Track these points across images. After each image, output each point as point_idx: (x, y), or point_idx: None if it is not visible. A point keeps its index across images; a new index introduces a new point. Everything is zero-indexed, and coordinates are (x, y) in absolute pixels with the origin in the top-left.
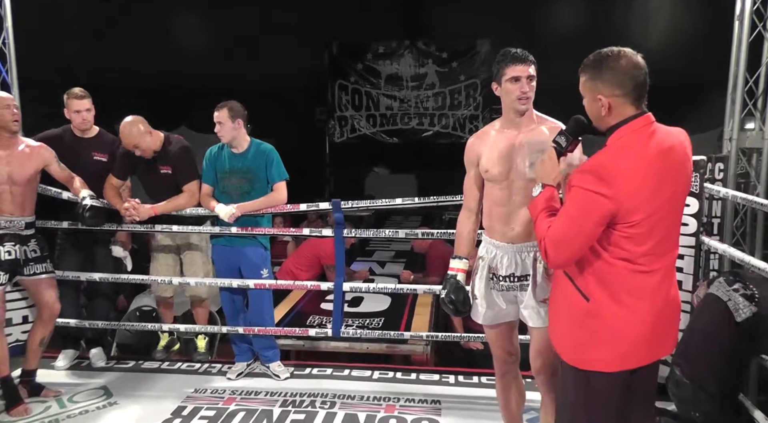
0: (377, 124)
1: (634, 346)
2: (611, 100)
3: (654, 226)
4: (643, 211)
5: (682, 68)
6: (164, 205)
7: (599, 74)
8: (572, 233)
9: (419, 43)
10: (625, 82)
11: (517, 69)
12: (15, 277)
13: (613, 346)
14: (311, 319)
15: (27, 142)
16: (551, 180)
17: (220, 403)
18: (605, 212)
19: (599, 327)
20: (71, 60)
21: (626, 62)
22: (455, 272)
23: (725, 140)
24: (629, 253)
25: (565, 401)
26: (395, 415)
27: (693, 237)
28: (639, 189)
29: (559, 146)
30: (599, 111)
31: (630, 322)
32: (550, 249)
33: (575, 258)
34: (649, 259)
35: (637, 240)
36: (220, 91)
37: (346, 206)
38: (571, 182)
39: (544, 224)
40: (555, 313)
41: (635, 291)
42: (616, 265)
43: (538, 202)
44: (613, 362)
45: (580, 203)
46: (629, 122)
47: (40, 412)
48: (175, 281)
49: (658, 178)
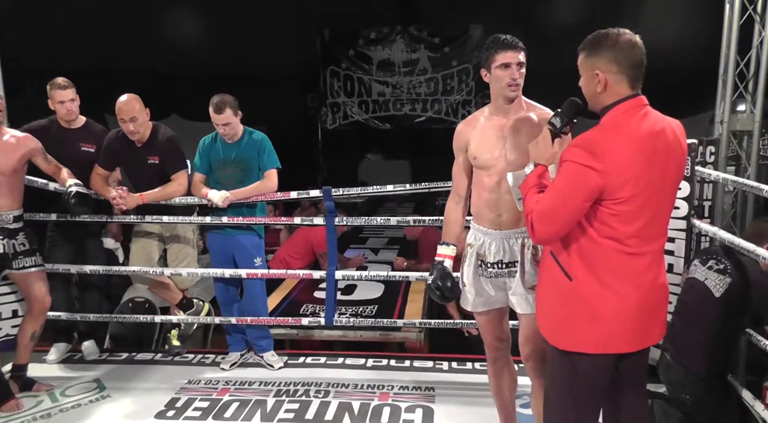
0: (370, 110)
1: (617, 329)
2: (608, 76)
3: (642, 207)
4: (631, 188)
5: (672, 51)
6: (154, 193)
7: (598, 50)
8: (559, 207)
9: (411, 29)
10: (623, 60)
11: (507, 55)
12: (4, 271)
13: (594, 327)
14: (305, 307)
15: (12, 133)
16: (544, 160)
17: (214, 394)
18: (594, 186)
19: (580, 307)
20: (60, 47)
21: (625, 40)
22: (443, 258)
23: (716, 123)
24: (617, 232)
25: (552, 384)
26: (389, 402)
27: (684, 220)
28: (628, 165)
29: (554, 127)
30: (595, 88)
31: (613, 304)
32: (536, 222)
33: (561, 233)
34: (637, 242)
35: (625, 218)
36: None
37: (338, 194)
38: (562, 157)
39: (533, 200)
40: (540, 292)
41: (620, 272)
42: (602, 244)
43: (529, 180)
44: (594, 343)
45: (569, 177)
46: (623, 102)
47: (32, 407)
48: (167, 272)
49: (648, 157)
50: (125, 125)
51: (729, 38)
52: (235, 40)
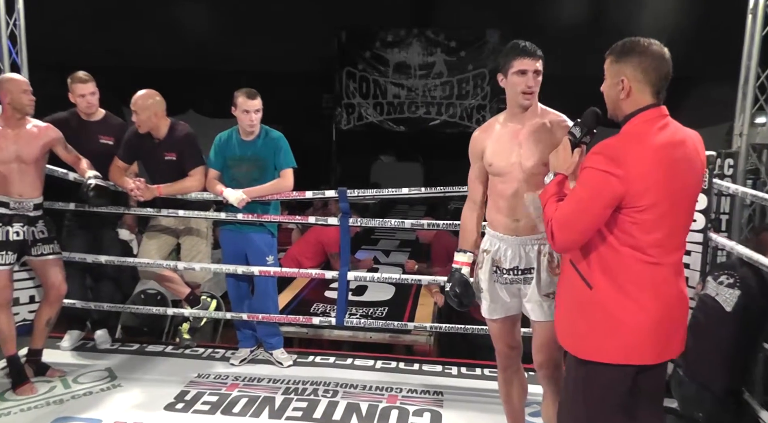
0: (384, 112)
1: (638, 340)
2: (633, 84)
3: (663, 216)
4: (651, 196)
5: (690, 61)
6: (170, 187)
7: (627, 56)
8: (579, 214)
9: (428, 32)
10: (650, 69)
11: (525, 62)
12: (23, 257)
13: (615, 337)
14: (315, 306)
15: (34, 123)
16: (564, 169)
17: (222, 389)
18: (614, 192)
19: (601, 316)
20: (80, 43)
21: (655, 50)
22: (460, 266)
23: (735, 135)
24: (637, 240)
25: (566, 394)
26: (397, 405)
27: (701, 233)
28: (649, 172)
29: (573, 137)
30: (618, 94)
31: (634, 314)
32: (557, 230)
33: (581, 241)
34: (659, 252)
35: (645, 227)
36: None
37: (353, 195)
38: (583, 164)
39: (553, 207)
40: (559, 301)
41: (641, 282)
42: (622, 253)
43: (548, 188)
44: (614, 354)
45: (590, 183)
46: (644, 111)
47: (45, 391)
48: (180, 266)
49: (668, 166)
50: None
51: (750, 49)
52: (252, 39)
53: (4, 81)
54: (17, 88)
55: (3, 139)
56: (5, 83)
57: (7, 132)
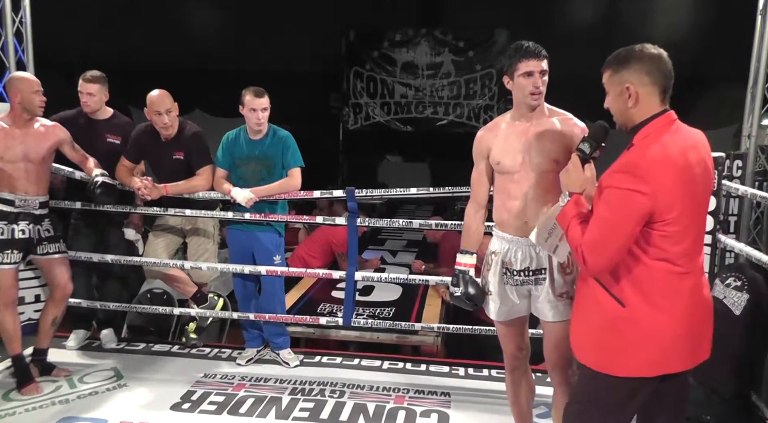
0: (391, 112)
1: (669, 350)
2: (639, 89)
3: (689, 224)
4: (678, 207)
5: (697, 62)
6: (177, 186)
7: (627, 64)
8: (610, 236)
9: (436, 32)
10: (654, 70)
11: (530, 64)
12: (28, 256)
13: (647, 350)
14: (322, 306)
15: (42, 122)
16: (577, 188)
17: (229, 389)
18: (643, 210)
19: (633, 332)
20: (87, 41)
21: (652, 52)
22: (465, 267)
23: (744, 137)
24: (668, 253)
25: (577, 402)
26: (405, 406)
27: (709, 235)
28: (674, 185)
29: (582, 153)
30: (625, 104)
31: (666, 326)
32: (588, 255)
33: (614, 262)
34: (686, 261)
35: (675, 238)
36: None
37: (360, 194)
38: (602, 184)
39: (578, 231)
40: (581, 319)
41: (672, 293)
42: (654, 267)
43: (567, 211)
44: (645, 367)
45: (616, 204)
46: (654, 120)
47: (50, 391)
48: (187, 265)
49: (688, 175)
50: (160, 118)
51: (759, 51)
52: (260, 38)
53: (15, 80)
54: (28, 88)
55: (11, 139)
56: (16, 82)
57: (15, 131)
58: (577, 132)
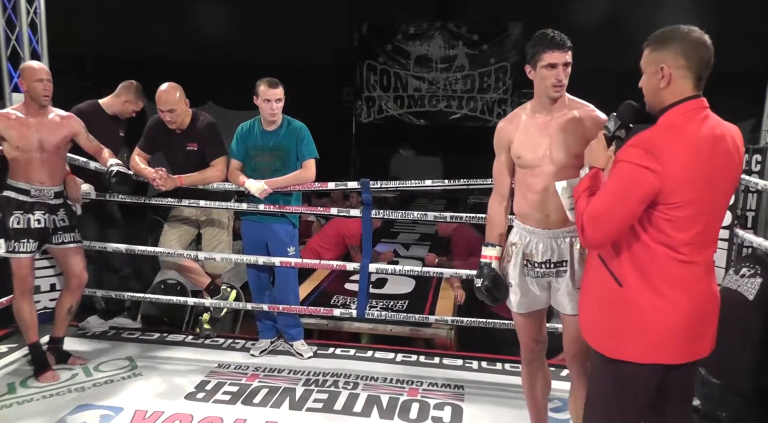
0: (405, 105)
1: (668, 339)
2: (673, 71)
3: (697, 213)
4: (687, 192)
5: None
6: (192, 177)
7: (667, 44)
8: (612, 209)
9: (450, 25)
10: (692, 54)
11: (554, 55)
12: (44, 245)
13: (645, 335)
14: (335, 298)
15: (57, 112)
16: (600, 164)
17: (243, 379)
18: (649, 188)
19: (631, 314)
20: (101, 34)
21: (696, 36)
22: (489, 260)
23: (763, 131)
24: (670, 238)
25: (596, 392)
26: (418, 398)
27: (727, 229)
28: (686, 168)
29: (608, 130)
30: (657, 84)
31: (664, 312)
32: (588, 225)
33: (613, 237)
34: (691, 250)
35: (679, 225)
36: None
37: (375, 186)
38: (617, 158)
39: (584, 202)
40: (586, 298)
41: (673, 280)
42: (655, 250)
43: (582, 182)
44: (643, 353)
45: (625, 178)
46: (683, 103)
47: (67, 379)
48: (201, 256)
49: (706, 162)
50: (163, 115)
51: None
52: (273, 31)
53: (22, 69)
54: (32, 76)
55: (25, 128)
56: (22, 71)
57: (29, 120)
58: (600, 123)
